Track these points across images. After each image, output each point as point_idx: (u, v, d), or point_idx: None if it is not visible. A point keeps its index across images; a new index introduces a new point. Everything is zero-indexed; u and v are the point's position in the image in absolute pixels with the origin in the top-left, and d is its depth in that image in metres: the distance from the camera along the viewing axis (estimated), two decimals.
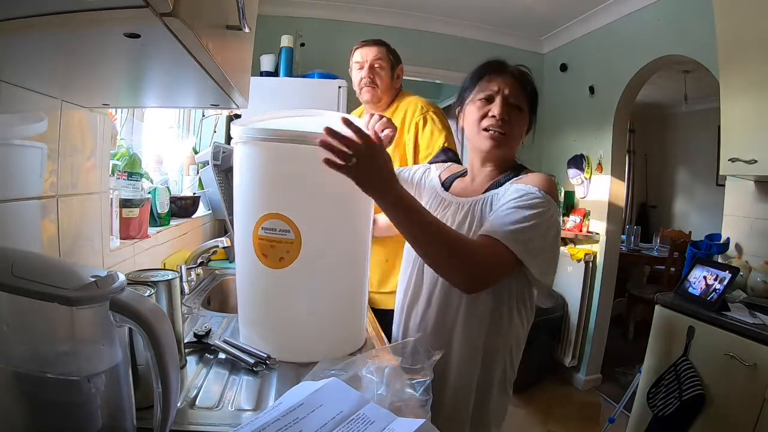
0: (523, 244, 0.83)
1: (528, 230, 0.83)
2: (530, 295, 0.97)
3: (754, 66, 1.62)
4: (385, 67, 1.51)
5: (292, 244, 0.80)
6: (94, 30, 0.44)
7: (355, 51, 1.55)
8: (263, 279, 0.86)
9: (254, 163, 0.85)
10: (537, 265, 0.86)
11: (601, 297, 2.87)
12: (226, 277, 1.53)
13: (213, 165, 1.81)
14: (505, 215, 0.85)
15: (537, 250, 0.85)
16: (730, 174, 1.82)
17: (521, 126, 0.96)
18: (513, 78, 0.95)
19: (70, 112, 0.85)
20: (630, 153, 4.87)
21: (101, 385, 0.48)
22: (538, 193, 0.87)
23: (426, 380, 0.70)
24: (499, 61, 0.98)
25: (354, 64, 1.54)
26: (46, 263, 0.51)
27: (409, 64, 3.15)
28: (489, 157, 0.98)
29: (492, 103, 0.94)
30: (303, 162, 0.81)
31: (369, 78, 1.49)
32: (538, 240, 0.85)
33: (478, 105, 0.95)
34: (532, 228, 0.84)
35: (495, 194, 0.93)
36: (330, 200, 0.84)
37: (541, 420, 2.51)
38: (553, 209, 0.88)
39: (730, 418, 1.45)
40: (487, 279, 0.86)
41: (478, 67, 0.99)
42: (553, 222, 0.88)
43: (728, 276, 1.61)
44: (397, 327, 1.07)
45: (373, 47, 1.52)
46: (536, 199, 0.87)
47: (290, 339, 0.88)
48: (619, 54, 2.71)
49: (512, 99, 0.93)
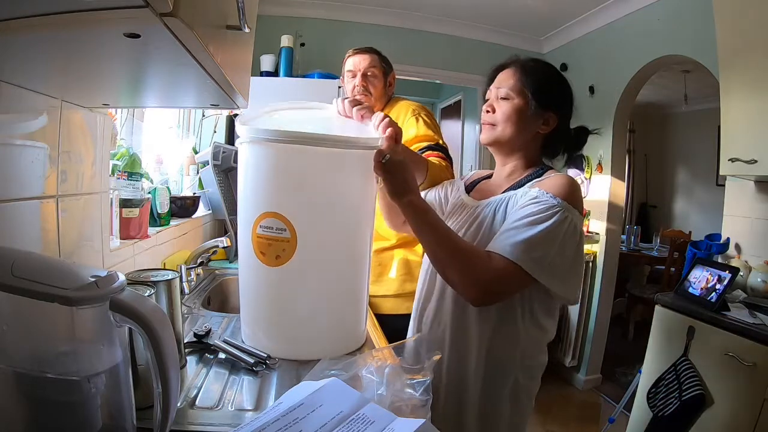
0: (537, 262, 0.79)
1: (541, 246, 0.80)
2: (549, 304, 0.91)
3: (754, 66, 1.62)
4: (378, 75, 1.52)
5: (288, 242, 0.81)
6: (94, 30, 0.44)
7: (346, 60, 1.55)
8: (262, 277, 0.86)
9: (255, 162, 0.85)
10: (556, 284, 0.82)
11: (601, 297, 2.87)
12: (226, 277, 1.53)
13: (213, 165, 1.82)
14: (515, 230, 0.82)
15: (553, 266, 0.81)
16: (730, 174, 1.82)
17: (512, 114, 0.92)
18: (509, 71, 0.94)
19: (70, 112, 0.85)
20: (630, 153, 4.87)
21: (101, 385, 0.48)
22: (553, 201, 0.83)
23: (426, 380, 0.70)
24: (502, 63, 0.98)
25: (346, 73, 1.54)
26: (46, 263, 0.50)
27: (408, 64, 3.18)
28: (492, 150, 0.98)
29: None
30: (301, 162, 0.81)
31: (362, 86, 1.49)
32: (555, 255, 0.81)
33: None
34: (545, 243, 0.80)
35: (513, 195, 0.90)
36: (327, 200, 0.84)
37: (540, 420, 2.51)
38: (573, 217, 0.83)
39: (730, 418, 1.45)
40: (493, 295, 0.84)
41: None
42: (572, 232, 0.83)
43: (728, 276, 1.61)
44: (411, 332, 1.06)
45: (365, 55, 1.52)
46: (551, 209, 0.82)
47: (288, 337, 0.89)
48: (619, 54, 2.71)
49: (502, 92, 0.93)
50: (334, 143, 0.82)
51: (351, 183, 0.86)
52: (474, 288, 0.82)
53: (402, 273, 1.46)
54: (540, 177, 0.92)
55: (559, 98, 0.94)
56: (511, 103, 0.92)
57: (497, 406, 0.92)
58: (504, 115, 0.92)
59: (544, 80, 0.93)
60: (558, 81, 0.95)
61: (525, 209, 0.84)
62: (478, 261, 0.81)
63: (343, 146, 0.83)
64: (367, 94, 1.50)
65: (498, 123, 0.93)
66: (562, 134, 0.96)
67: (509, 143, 0.95)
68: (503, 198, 0.92)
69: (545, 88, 0.92)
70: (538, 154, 0.97)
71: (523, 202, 0.86)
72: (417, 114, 1.46)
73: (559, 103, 0.94)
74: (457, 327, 0.93)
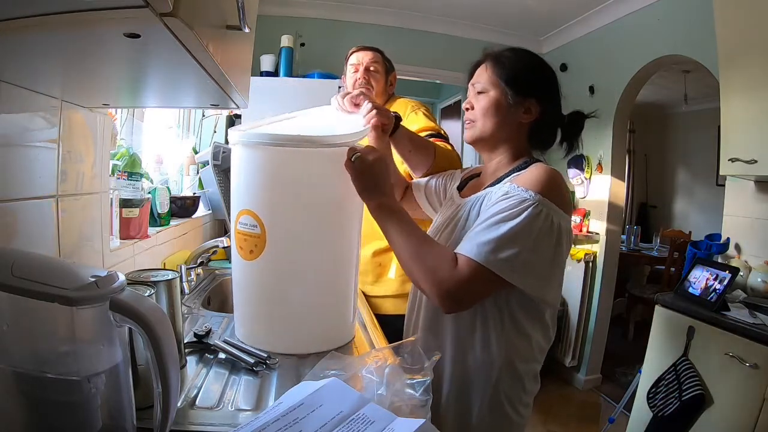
0: (507, 261, 0.74)
1: (510, 244, 0.74)
2: (533, 309, 0.85)
3: (754, 66, 1.62)
4: (380, 71, 1.53)
5: (258, 237, 0.85)
6: (94, 30, 0.44)
7: (350, 55, 1.57)
8: (240, 270, 0.92)
9: (237, 163, 0.90)
10: (532, 284, 0.78)
11: (601, 297, 2.87)
12: (226, 277, 1.53)
13: (213, 165, 1.82)
14: (483, 229, 0.77)
15: (527, 265, 0.76)
16: (730, 174, 1.82)
17: (489, 107, 0.89)
18: (483, 66, 0.93)
19: (70, 112, 0.85)
20: (630, 153, 4.87)
21: (101, 385, 0.48)
22: (525, 195, 0.77)
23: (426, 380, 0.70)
24: (478, 60, 0.96)
25: (349, 67, 1.55)
26: (46, 263, 0.51)
27: (409, 64, 3.18)
28: (477, 149, 0.97)
29: None
30: (273, 162, 0.85)
31: (364, 79, 1.50)
32: (527, 253, 0.75)
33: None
34: (516, 241, 0.75)
35: (490, 192, 0.86)
36: (299, 198, 0.87)
37: (540, 420, 2.51)
38: (549, 211, 0.77)
39: (730, 418, 1.45)
40: (461, 301, 0.79)
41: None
42: (548, 227, 0.77)
43: (728, 276, 1.61)
44: (405, 334, 1.06)
45: (369, 52, 1.54)
46: (523, 203, 0.76)
47: (266, 330, 0.92)
48: (619, 54, 2.71)
49: (478, 87, 0.91)
50: (303, 143, 0.84)
51: (327, 181, 0.87)
52: (439, 294, 0.76)
53: (402, 273, 1.46)
54: (522, 171, 0.86)
55: (537, 83, 0.90)
56: (487, 96, 0.89)
57: (471, 416, 0.87)
58: (482, 110, 0.90)
59: (519, 67, 0.90)
60: (534, 66, 0.92)
61: (495, 206, 0.79)
62: (443, 265, 0.76)
63: (310, 146, 0.85)
64: (369, 87, 1.50)
65: (477, 119, 0.91)
66: (550, 121, 0.91)
67: (492, 138, 0.91)
68: (480, 195, 0.89)
69: (521, 74, 0.89)
70: (524, 146, 0.92)
71: (495, 199, 0.81)
72: (416, 109, 1.48)
73: (538, 88, 0.89)
74: (431, 334, 0.91)
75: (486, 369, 0.85)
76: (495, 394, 0.86)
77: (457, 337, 0.87)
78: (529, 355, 0.87)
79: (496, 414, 0.86)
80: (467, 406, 0.87)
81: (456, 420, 0.88)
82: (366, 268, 1.46)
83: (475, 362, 0.86)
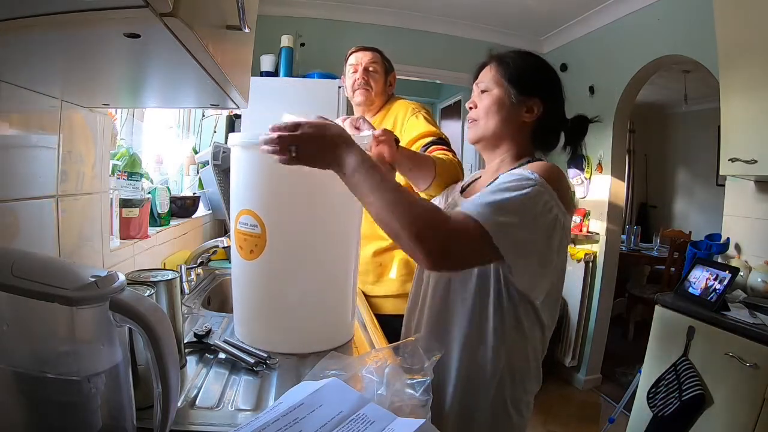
0: (502, 227, 0.71)
1: (509, 212, 0.72)
2: (533, 307, 0.85)
3: (754, 66, 1.62)
4: (379, 71, 1.52)
5: (258, 237, 0.86)
6: (94, 30, 0.44)
7: (349, 55, 1.56)
8: (240, 269, 0.92)
9: (236, 164, 0.91)
10: (520, 265, 0.76)
11: (601, 297, 2.87)
12: (226, 277, 1.53)
13: (213, 165, 1.82)
14: (482, 195, 0.76)
15: (519, 242, 0.73)
16: (730, 174, 1.82)
17: (491, 105, 0.89)
18: (488, 67, 0.93)
19: (70, 112, 0.85)
20: (630, 153, 4.87)
21: (101, 385, 0.48)
22: (528, 175, 0.77)
23: (426, 380, 0.70)
24: (483, 62, 0.96)
25: (348, 67, 1.55)
26: (46, 263, 0.51)
27: (409, 64, 3.18)
28: (479, 149, 0.96)
29: None
30: (270, 163, 0.84)
31: (363, 79, 1.50)
32: (522, 229, 0.73)
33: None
34: (514, 211, 0.72)
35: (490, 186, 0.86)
36: (297, 198, 0.87)
37: (541, 420, 2.51)
38: (549, 198, 0.76)
39: (730, 418, 1.45)
40: (450, 254, 0.71)
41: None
42: (546, 213, 0.75)
43: (728, 276, 1.61)
44: (403, 335, 1.06)
45: (368, 52, 1.54)
46: (525, 180, 0.76)
47: (266, 330, 0.92)
48: (619, 54, 2.71)
49: (482, 86, 0.92)
50: None
51: (327, 180, 0.87)
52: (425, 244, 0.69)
53: (402, 273, 1.46)
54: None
55: (540, 82, 0.90)
56: (490, 95, 0.90)
57: (474, 417, 0.87)
58: (485, 108, 0.90)
59: (522, 67, 0.91)
60: (538, 66, 0.93)
61: (496, 183, 0.79)
62: (435, 216, 0.71)
63: None
64: (368, 88, 1.50)
65: (480, 117, 0.92)
66: (553, 122, 0.91)
67: (494, 136, 0.91)
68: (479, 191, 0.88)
69: (524, 74, 0.89)
70: (527, 147, 0.92)
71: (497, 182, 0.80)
72: (417, 112, 1.46)
73: (541, 87, 0.90)
74: (435, 335, 0.90)
75: (489, 370, 0.86)
76: (498, 395, 0.86)
77: (463, 337, 0.87)
78: (530, 355, 0.88)
79: (499, 414, 0.87)
80: (471, 406, 0.88)
81: (459, 421, 0.88)
82: (366, 268, 1.46)
83: (479, 363, 0.86)
